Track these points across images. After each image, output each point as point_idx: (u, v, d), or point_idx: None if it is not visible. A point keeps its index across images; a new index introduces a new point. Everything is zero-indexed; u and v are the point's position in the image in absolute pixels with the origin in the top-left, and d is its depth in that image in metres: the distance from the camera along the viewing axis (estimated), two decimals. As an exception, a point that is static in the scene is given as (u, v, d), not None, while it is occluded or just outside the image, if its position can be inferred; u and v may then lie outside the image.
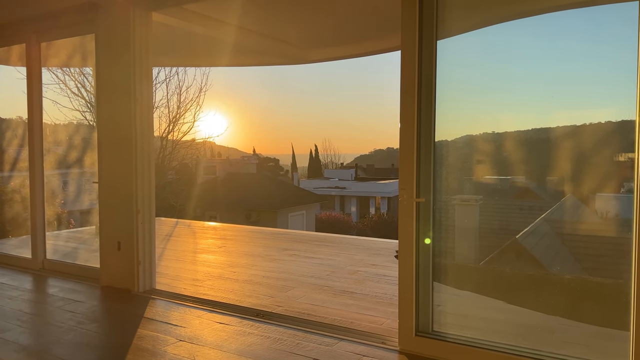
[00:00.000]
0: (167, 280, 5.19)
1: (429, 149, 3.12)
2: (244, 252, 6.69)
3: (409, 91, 3.11)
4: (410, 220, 3.11)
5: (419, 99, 3.12)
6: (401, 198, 3.11)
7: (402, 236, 3.20)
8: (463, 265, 3.71)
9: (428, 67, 3.13)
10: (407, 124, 3.11)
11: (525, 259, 4.17)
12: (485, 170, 3.68)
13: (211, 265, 5.91)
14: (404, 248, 3.20)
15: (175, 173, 19.77)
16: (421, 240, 3.17)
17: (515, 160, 3.71)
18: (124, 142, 4.44)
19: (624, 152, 3.09)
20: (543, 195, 4.18)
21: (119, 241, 4.57)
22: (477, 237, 4.00)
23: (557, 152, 3.60)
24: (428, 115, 3.13)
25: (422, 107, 3.13)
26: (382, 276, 5.35)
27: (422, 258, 3.22)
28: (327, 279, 5.26)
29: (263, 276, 5.36)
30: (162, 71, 15.56)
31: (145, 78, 4.43)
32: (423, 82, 3.14)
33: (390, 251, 6.67)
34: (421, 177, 3.12)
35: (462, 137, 3.44)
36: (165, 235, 8.04)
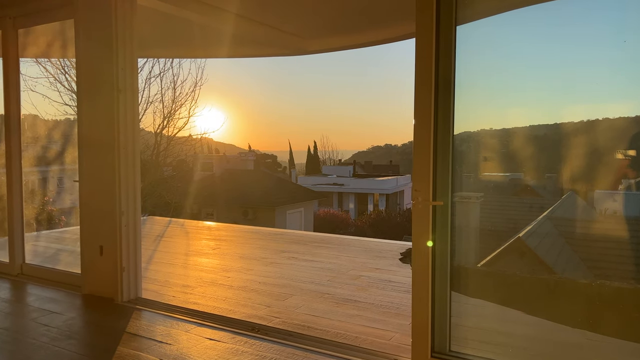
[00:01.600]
0: (156, 286, 4.81)
1: (447, 147, 2.74)
2: (239, 254, 6.30)
3: (424, 82, 2.72)
4: (426, 226, 2.73)
5: (436, 90, 2.74)
6: (415, 201, 2.73)
7: (416, 243, 2.82)
8: (483, 271, 3.34)
9: (446, 55, 2.75)
10: (422, 118, 2.73)
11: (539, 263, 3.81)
12: (509, 167, 3.30)
13: (204, 269, 5.53)
14: (418, 257, 2.82)
15: (171, 170, 19.36)
16: (438, 248, 2.79)
17: (547, 158, 3.33)
18: (106, 138, 4.05)
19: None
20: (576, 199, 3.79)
21: (101, 245, 4.18)
22: (499, 241, 3.62)
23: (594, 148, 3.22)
24: (446, 109, 2.75)
25: (439, 100, 2.75)
26: (387, 282, 4.98)
27: (439, 267, 2.84)
28: (327, 285, 4.88)
29: (259, 282, 4.98)
30: (157, 65, 15.15)
31: (129, 66, 4.03)
32: (440, 71, 2.76)
33: (393, 253, 6.30)
34: (438, 177, 2.74)
35: (481, 132, 3.06)
36: (156, 235, 7.65)
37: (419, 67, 2.75)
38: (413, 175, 2.75)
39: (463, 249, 3.02)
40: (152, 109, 15.52)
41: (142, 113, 14.88)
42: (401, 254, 6.28)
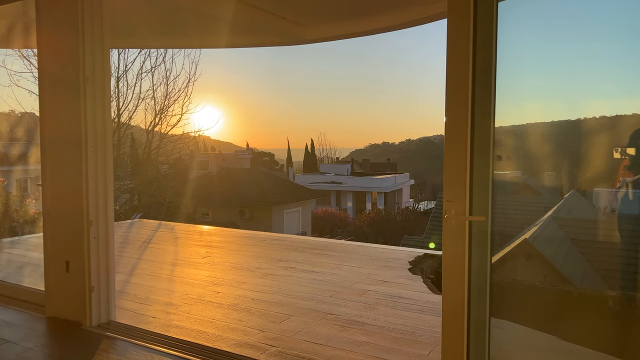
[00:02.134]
0: (135, 304, 4.22)
1: (486, 148, 2.16)
2: (231, 264, 5.71)
3: (459, 70, 2.16)
4: (461, 246, 2.15)
5: (473, 80, 2.16)
6: (447, 214, 2.15)
7: (448, 265, 2.24)
8: (524, 292, 2.76)
9: (485, 36, 2.18)
10: (456, 114, 2.17)
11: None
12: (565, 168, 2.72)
13: (191, 282, 4.93)
14: (450, 280, 2.24)
15: (167, 168, 18.75)
16: (475, 268, 2.21)
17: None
18: (70, 134, 3.45)
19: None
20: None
21: (67, 261, 3.58)
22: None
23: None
24: (484, 102, 2.18)
25: (477, 91, 2.18)
26: (398, 298, 4.40)
27: (476, 291, 2.25)
28: (330, 302, 4.30)
29: (252, 299, 4.39)
30: (148, 60, 14.53)
31: (98, 50, 3.43)
32: (477, 57, 2.18)
33: (401, 262, 5.72)
34: (475, 185, 2.15)
35: (522, 127, 2.48)
36: (143, 241, 7.05)
37: (453, 52, 2.17)
38: (444, 183, 2.17)
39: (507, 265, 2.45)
40: (143, 105, 14.90)
41: (133, 110, 14.28)
42: (410, 264, 5.70)
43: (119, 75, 13.96)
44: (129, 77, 14.16)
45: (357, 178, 46.02)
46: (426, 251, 6.21)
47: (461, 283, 2.17)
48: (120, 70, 13.93)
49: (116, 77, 13.97)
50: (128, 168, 15.10)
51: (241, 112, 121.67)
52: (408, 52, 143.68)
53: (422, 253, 6.10)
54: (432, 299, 4.40)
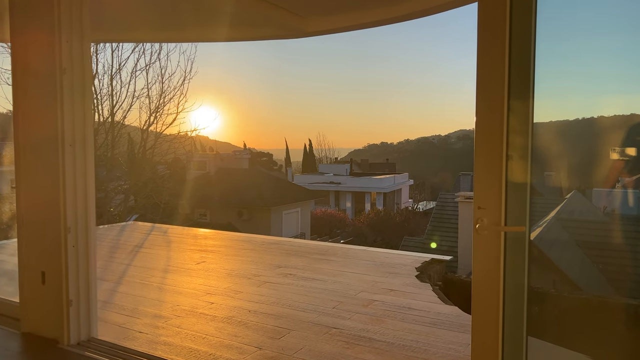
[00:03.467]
0: (121, 317, 3.87)
1: (524, 149, 1.83)
2: (226, 270, 5.36)
3: (493, 64, 1.82)
4: (494, 260, 1.82)
5: (509, 70, 1.83)
6: (479, 224, 1.81)
7: (479, 280, 1.90)
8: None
9: (523, 19, 1.84)
10: (488, 112, 1.84)
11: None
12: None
13: (183, 291, 4.59)
14: (481, 302, 1.90)
15: (164, 168, 18.39)
16: (510, 284, 1.87)
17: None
18: (46, 132, 3.10)
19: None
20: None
21: (43, 271, 3.23)
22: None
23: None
24: (523, 97, 1.84)
25: (513, 85, 1.85)
26: (407, 310, 4.06)
27: (511, 310, 1.92)
28: (333, 314, 3.96)
29: (249, 310, 4.05)
30: (143, 58, 14.17)
31: (77, 38, 3.09)
32: (513, 45, 1.85)
33: (408, 268, 5.39)
34: (509, 191, 1.81)
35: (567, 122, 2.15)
36: (134, 246, 6.70)
37: (486, 41, 1.84)
38: (475, 188, 1.83)
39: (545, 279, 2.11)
40: (138, 104, 14.54)
41: (127, 108, 13.92)
42: (417, 270, 5.37)
43: (112, 73, 13.62)
44: (123, 75, 13.80)
45: (356, 178, 45.74)
46: (433, 256, 5.88)
47: (494, 304, 1.83)
48: (114, 68, 13.59)
49: (110, 75, 13.63)
50: (123, 168, 14.74)
51: (240, 112, 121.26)
52: (407, 51, 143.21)
53: (429, 258, 5.77)
54: (443, 310, 4.07)
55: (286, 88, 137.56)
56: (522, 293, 1.87)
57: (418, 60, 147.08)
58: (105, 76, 13.58)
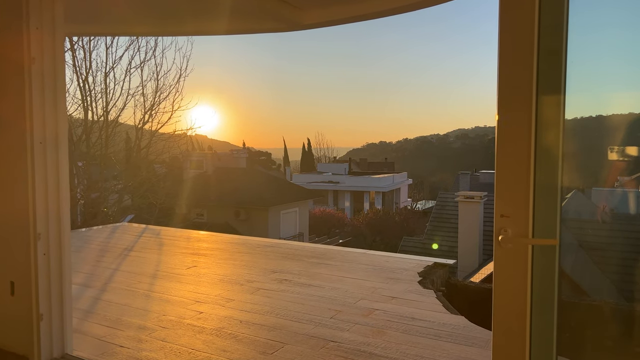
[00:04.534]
0: (102, 329, 3.59)
1: (555, 150, 1.55)
2: (218, 276, 5.08)
3: (519, 54, 1.55)
4: (521, 279, 1.54)
5: (538, 60, 1.55)
6: (503, 235, 1.54)
7: (501, 297, 1.62)
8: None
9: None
10: (513, 105, 1.57)
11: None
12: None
13: (171, 299, 4.30)
14: (504, 321, 1.62)
15: (157, 167, 18.08)
16: (537, 301, 1.59)
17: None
18: (12, 128, 2.81)
19: None
20: None
21: (11, 281, 2.94)
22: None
23: None
24: (553, 90, 1.56)
25: (541, 76, 1.57)
26: (410, 320, 3.78)
27: (538, 329, 1.64)
28: (331, 325, 3.68)
29: (240, 321, 3.76)
30: (137, 55, 13.87)
31: (47, 24, 2.80)
32: (543, 33, 1.58)
33: (410, 273, 5.11)
34: (537, 197, 1.53)
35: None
36: (124, 249, 6.41)
37: (510, 28, 1.56)
38: (497, 193, 1.55)
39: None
40: (133, 102, 14.23)
41: (122, 107, 13.60)
42: (419, 275, 5.09)
43: (107, 70, 13.30)
44: (117, 72, 13.49)
45: (354, 177, 45.51)
46: (436, 259, 5.60)
47: (519, 328, 1.55)
48: (108, 66, 13.27)
49: (104, 73, 13.31)
50: (117, 167, 14.43)
51: (238, 111, 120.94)
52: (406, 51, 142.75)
53: (431, 262, 5.50)
54: (448, 320, 3.79)
55: (285, 87, 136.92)
56: (551, 312, 1.59)
57: (417, 59, 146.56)
58: (100, 73, 13.27)
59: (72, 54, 12.62)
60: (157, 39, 13.65)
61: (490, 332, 3.60)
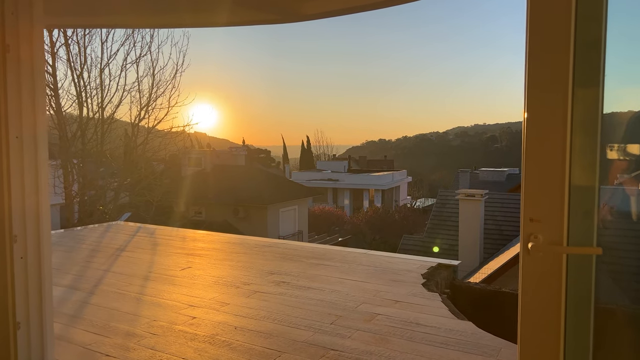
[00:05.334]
0: (87, 335, 3.38)
1: (592, 149, 1.33)
2: (214, 278, 4.87)
3: (553, 43, 1.33)
4: (555, 293, 1.33)
5: (575, 51, 1.34)
6: (532, 242, 1.32)
7: (529, 312, 1.40)
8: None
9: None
10: (545, 99, 1.34)
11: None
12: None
13: (163, 303, 4.09)
14: (533, 338, 1.40)
15: (160, 165, 17.87)
16: (572, 322, 1.38)
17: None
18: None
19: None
20: None
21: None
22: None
23: None
24: (590, 84, 1.34)
25: (577, 69, 1.36)
26: (414, 325, 3.57)
27: (573, 350, 1.43)
28: (331, 331, 3.47)
29: (235, 327, 3.55)
30: (133, 51, 13.62)
31: (24, 12, 2.57)
32: (579, 17, 1.37)
33: (413, 275, 4.90)
34: (573, 199, 1.32)
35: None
36: (116, 249, 6.20)
37: (542, 14, 1.34)
38: (525, 194, 1.34)
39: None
40: (129, 98, 14.00)
41: (117, 103, 13.37)
42: (423, 277, 4.88)
43: (102, 66, 13.06)
44: (113, 68, 13.27)
45: (354, 175, 45.34)
46: (439, 260, 5.40)
47: (553, 351, 1.34)
48: (104, 61, 13.03)
49: (100, 68, 13.08)
50: (112, 164, 14.21)
51: (238, 109, 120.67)
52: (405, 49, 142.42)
53: (435, 263, 5.29)
54: (455, 326, 3.58)
55: (285, 85, 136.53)
56: (587, 331, 1.38)
57: (417, 57, 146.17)
58: (95, 68, 13.04)
59: (66, 49, 12.40)
60: (153, 33, 13.43)
61: (500, 340, 3.40)
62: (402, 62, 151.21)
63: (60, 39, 12.23)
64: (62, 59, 12.37)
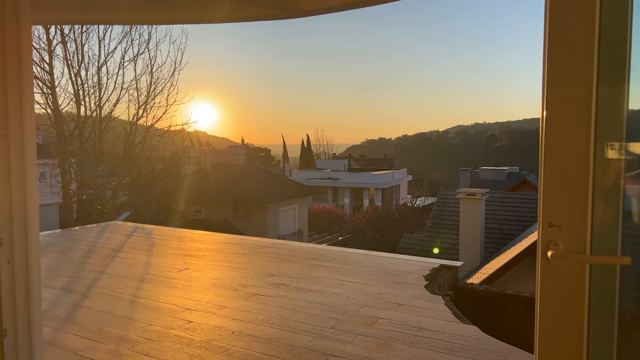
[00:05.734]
0: (79, 341, 3.27)
1: (618, 147, 1.22)
2: (211, 280, 4.75)
3: (575, 34, 1.21)
4: (578, 306, 1.21)
5: (599, 44, 1.23)
6: (551, 250, 1.20)
7: (547, 328, 1.28)
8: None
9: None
10: (566, 96, 1.22)
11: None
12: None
13: (158, 306, 3.98)
14: (550, 354, 1.29)
15: (152, 163, 17.74)
16: (595, 340, 1.26)
17: None
18: (-29, 119, 2.47)
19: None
20: None
21: (-28, 292, 2.61)
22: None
23: None
24: (614, 80, 1.23)
25: (602, 60, 1.24)
26: (417, 330, 3.46)
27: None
28: (332, 336, 3.35)
29: (233, 332, 3.44)
30: (131, 49, 13.50)
31: (9, 7, 2.46)
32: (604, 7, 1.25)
33: (415, 277, 4.79)
34: (597, 202, 1.20)
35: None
36: (112, 249, 6.09)
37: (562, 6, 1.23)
38: (544, 197, 1.23)
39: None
40: (127, 97, 13.87)
41: (115, 102, 13.25)
42: (425, 279, 4.77)
43: (100, 64, 12.93)
44: (110, 66, 13.13)
45: (354, 174, 45.23)
46: (442, 261, 5.29)
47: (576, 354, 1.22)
48: (101, 59, 12.90)
49: (97, 66, 12.95)
50: (110, 163, 14.09)
51: (238, 108, 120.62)
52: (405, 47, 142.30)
53: (437, 264, 5.18)
54: (460, 330, 3.47)
55: (285, 84, 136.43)
56: (611, 346, 1.26)
57: (416, 56, 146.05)
58: (92, 67, 12.91)
59: (63, 47, 12.27)
60: (151, 31, 13.31)
61: (506, 345, 3.28)
62: (402, 60, 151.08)
63: (57, 36, 12.12)
64: (59, 56, 12.26)
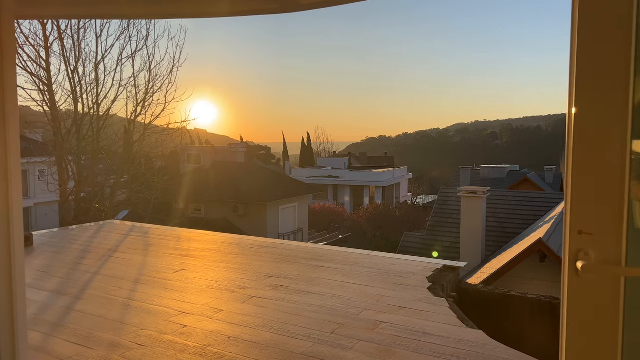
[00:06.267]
0: (69, 347, 3.13)
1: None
2: (208, 281, 4.62)
3: (608, 25, 1.06)
4: (613, 322, 1.06)
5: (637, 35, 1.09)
6: (582, 261, 1.06)
7: (575, 344, 1.14)
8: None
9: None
10: (598, 93, 1.08)
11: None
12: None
13: (153, 309, 3.84)
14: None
15: (151, 161, 17.60)
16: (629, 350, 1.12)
17: None
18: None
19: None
20: None
21: (-47, 298, 2.47)
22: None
23: None
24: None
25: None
26: (421, 335, 3.32)
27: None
28: (332, 342, 3.22)
29: (229, 337, 3.30)
30: (129, 45, 13.35)
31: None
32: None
33: (418, 278, 4.65)
34: (633, 207, 1.06)
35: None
36: (107, 249, 5.95)
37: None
38: (572, 202, 1.09)
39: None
40: (125, 94, 13.72)
41: (113, 99, 13.10)
42: (429, 280, 4.63)
43: (97, 61, 12.78)
44: (108, 63, 12.98)
45: (354, 172, 45.10)
46: (445, 262, 5.15)
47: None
48: (99, 56, 12.75)
49: (95, 63, 12.80)
50: (108, 161, 13.95)
51: (238, 106, 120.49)
52: (405, 45, 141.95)
53: (440, 265, 5.04)
54: (465, 335, 3.33)
55: (285, 82, 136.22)
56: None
57: (416, 54, 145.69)
58: (90, 63, 12.76)
59: (60, 43, 12.12)
60: (149, 28, 13.15)
61: (514, 351, 3.15)
62: (402, 58, 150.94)
63: (54, 32, 11.97)
64: (55, 53, 12.11)
